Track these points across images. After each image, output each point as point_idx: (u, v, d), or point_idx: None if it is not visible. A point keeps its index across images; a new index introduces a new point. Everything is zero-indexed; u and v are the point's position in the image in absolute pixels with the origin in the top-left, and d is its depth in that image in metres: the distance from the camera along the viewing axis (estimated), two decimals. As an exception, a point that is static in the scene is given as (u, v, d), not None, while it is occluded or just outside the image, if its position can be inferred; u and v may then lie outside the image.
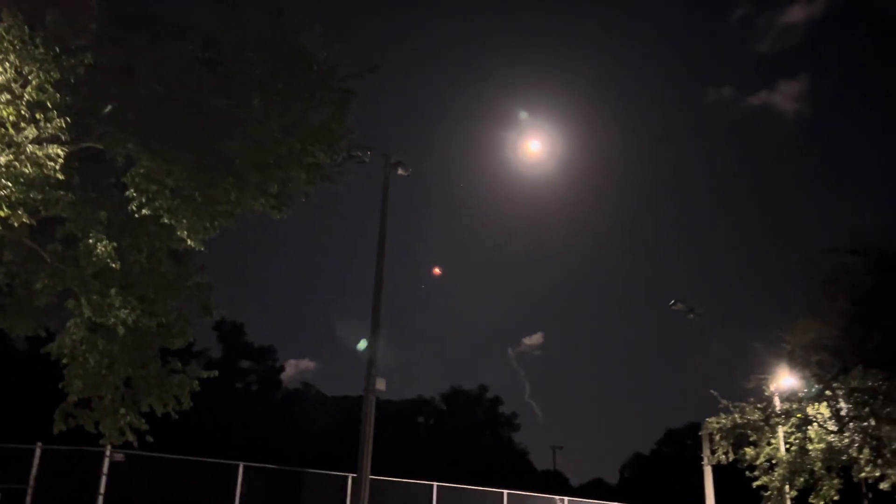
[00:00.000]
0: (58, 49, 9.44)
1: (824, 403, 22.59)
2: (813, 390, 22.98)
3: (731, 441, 24.33)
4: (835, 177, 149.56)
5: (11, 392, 35.85)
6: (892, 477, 22.03)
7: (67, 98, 9.70)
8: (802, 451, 22.96)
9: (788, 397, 23.83)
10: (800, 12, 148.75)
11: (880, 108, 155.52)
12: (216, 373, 13.19)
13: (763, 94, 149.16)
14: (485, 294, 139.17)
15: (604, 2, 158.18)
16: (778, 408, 23.90)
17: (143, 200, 10.37)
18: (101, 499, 15.12)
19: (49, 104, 9.31)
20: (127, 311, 10.90)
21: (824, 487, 22.57)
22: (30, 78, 9.19)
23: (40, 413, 14.36)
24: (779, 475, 23.13)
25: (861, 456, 21.86)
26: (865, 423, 21.72)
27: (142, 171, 10.28)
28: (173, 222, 10.48)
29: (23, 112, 9.20)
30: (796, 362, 24.18)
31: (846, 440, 22.17)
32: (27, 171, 9.14)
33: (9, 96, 9.11)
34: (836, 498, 22.66)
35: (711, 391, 25.21)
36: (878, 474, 22.00)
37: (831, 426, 22.54)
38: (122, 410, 11.93)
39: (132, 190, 10.31)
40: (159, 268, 11.91)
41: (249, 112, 10.78)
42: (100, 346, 11.41)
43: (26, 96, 9.17)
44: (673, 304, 27.57)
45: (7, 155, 9.03)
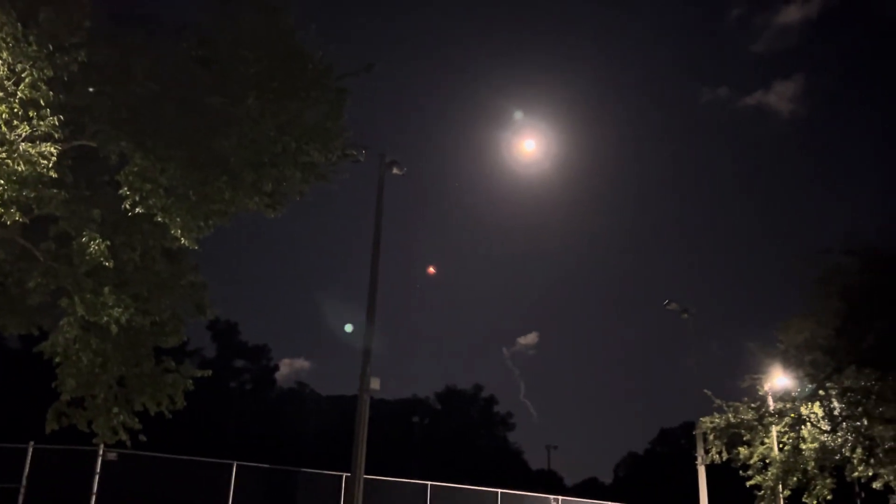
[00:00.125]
0: (51, 47, 9.40)
1: (818, 403, 22.68)
2: (806, 390, 23.07)
3: (725, 440, 24.41)
4: (830, 177, 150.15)
5: (4, 391, 35.74)
6: (885, 476, 22.12)
7: (61, 96, 9.67)
8: (796, 450, 23.04)
9: (782, 397, 23.92)
10: (795, 13, 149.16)
11: (875, 108, 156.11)
12: (210, 372, 13.17)
13: (758, 95, 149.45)
14: (480, 293, 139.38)
15: (600, 1, 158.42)
16: (771, 407, 23.98)
17: (137, 199, 10.33)
18: (93, 498, 15.09)
19: (42, 102, 9.28)
20: (120, 310, 10.84)
21: (817, 487, 22.66)
22: (23, 76, 9.15)
23: (33, 412, 14.31)
24: (772, 474, 23.21)
25: (854, 455, 21.94)
26: (858, 423, 21.81)
27: (135, 169, 10.24)
28: (167, 221, 10.45)
29: (16, 110, 9.17)
30: (790, 362, 24.28)
31: (839, 440, 22.26)
32: (20, 168, 9.10)
33: (1, 94, 9.07)
34: (829, 497, 22.75)
35: (705, 391, 25.30)
36: (870, 474, 22.10)
37: (824, 426, 22.62)
38: (116, 409, 11.87)
39: (126, 188, 10.28)
40: (153, 266, 11.86)
41: (244, 110, 10.76)
42: (93, 344, 11.35)
43: (19, 94, 9.12)
44: (667, 304, 27.62)
45: (0, 153, 8.99)
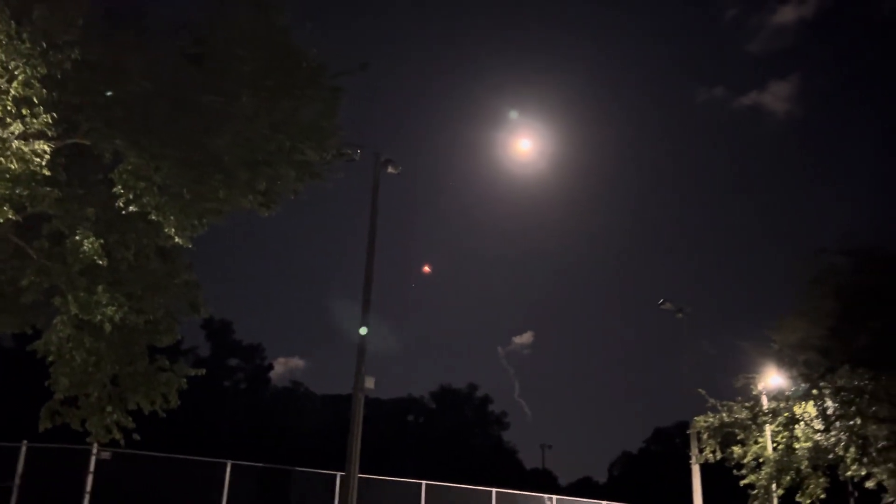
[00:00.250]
0: (45, 44, 9.36)
1: (811, 402, 22.71)
2: (800, 389, 23.13)
3: (719, 440, 24.44)
4: (826, 177, 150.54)
5: (-3, 389, 35.59)
6: (878, 475, 22.18)
7: (54, 94, 9.63)
8: (789, 449, 23.08)
9: (776, 396, 23.95)
10: (791, 13, 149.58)
11: (871, 108, 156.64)
12: (204, 371, 13.17)
13: (754, 95, 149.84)
14: (475, 292, 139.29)
15: (596, 1, 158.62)
16: (765, 407, 24.02)
17: (131, 197, 10.32)
18: (87, 497, 15.03)
19: (35, 100, 9.24)
20: (114, 309, 10.83)
21: (811, 486, 22.70)
22: (16, 73, 9.11)
23: (26, 411, 14.26)
24: (766, 474, 23.25)
25: (847, 455, 21.98)
26: (851, 422, 21.85)
27: (129, 167, 10.24)
28: (161, 219, 10.44)
29: (9, 107, 9.13)
30: (784, 361, 24.31)
31: (832, 439, 22.29)
32: (13, 167, 9.07)
33: (-6, 91, 9.04)
34: (822, 496, 22.80)
35: (699, 390, 25.33)
36: (863, 473, 22.14)
37: (818, 425, 22.65)
38: (109, 408, 11.87)
39: (119, 186, 10.26)
40: (147, 265, 11.85)
41: (239, 109, 10.74)
42: (86, 343, 11.34)
43: (12, 91, 9.08)
44: (662, 304, 27.67)
45: (-8, 151, 8.96)
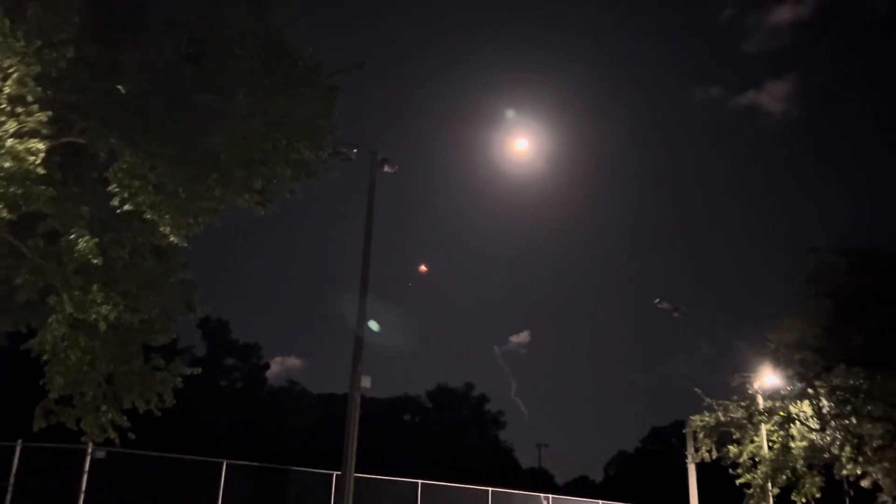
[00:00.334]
0: (39, 42, 9.32)
1: (807, 402, 22.77)
2: (796, 389, 23.18)
3: (715, 439, 24.52)
4: (822, 177, 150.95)
5: (-8, 388, 35.47)
6: (874, 475, 22.24)
7: (49, 92, 9.58)
8: (785, 448, 23.14)
9: (771, 395, 24.02)
10: (787, 13, 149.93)
11: (867, 108, 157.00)
12: (199, 370, 13.12)
13: (751, 94, 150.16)
14: (472, 292, 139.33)
15: (593, 0, 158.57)
16: (761, 406, 24.08)
17: (126, 196, 10.26)
18: (82, 496, 15.01)
19: (30, 98, 9.19)
20: (109, 308, 10.77)
21: (806, 485, 22.78)
22: (10, 71, 9.06)
23: (21, 410, 14.21)
24: (761, 473, 23.31)
25: (843, 454, 22.05)
26: (847, 422, 21.91)
27: (125, 166, 10.18)
28: (156, 218, 10.39)
29: (2, 106, 9.08)
30: (780, 361, 24.35)
31: (828, 438, 22.36)
32: (7, 165, 9.01)
33: (-12, 90, 8.99)
34: (817, 495, 22.86)
35: (696, 389, 25.39)
36: (859, 472, 22.20)
37: (813, 424, 22.72)
38: (104, 407, 11.82)
39: (115, 185, 10.21)
40: (142, 264, 11.79)
41: (234, 108, 10.70)
42: (81, 342, 11.30)
43: (6, 90, 9.03)
44: (658, 303, 27.69)
45: (-14, 149, 8.92)
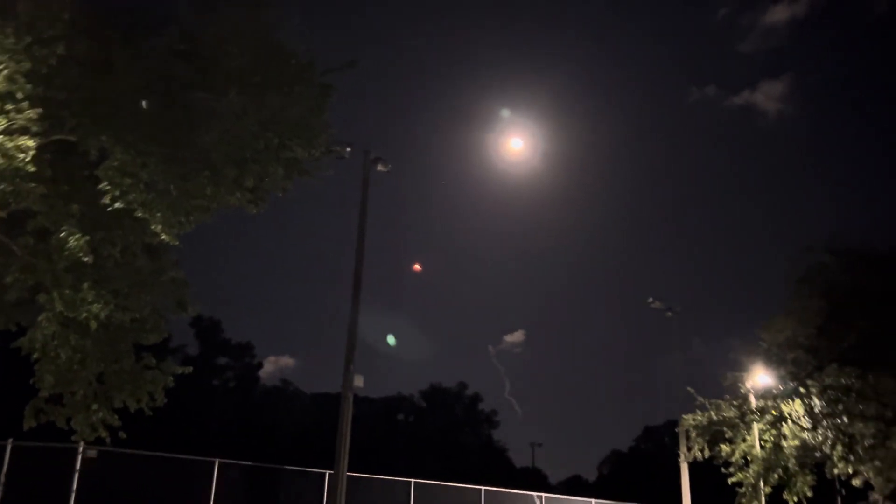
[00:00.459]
0: (29, 39, 9.26)
1: (798, 401, 22.85)
2: (788, 388, 23.26)
3: (707, 438, 24.56)
4: (817, 177, 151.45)
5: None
6: (865, 473, 22.32)
7: (39, 89, 9.53)
8: (777, 447, 23.21)
9: (764, 395, 24.08)
10: (783, 12, 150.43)
11: (862, 108, 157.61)
12: (191, 369, 13.08)
13: (746, 94, 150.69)
14: (466, 291, 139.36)
15: (588, 0, 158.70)
16: (753, 405, 24.13)
17: (117, 194, 10.21)
18: (73, 495, 14.94)
19: (20, 95, 9.14)
20: (100, 306, 10.72)
21: (798, 484, 22.84)
22: None
23: (11, 408, 14.14)
24: (753, 472, 23.37)
25: (834, 453, 22.13)
26: (839, 421, 21.99)
27: (115, 164, 10.13)
28: (147, 216, 10.35)
29: (-9, 102, 9.04)
30: (772, 360, 24.47)
31: (820, 437, 22.43)
32: (-3, 162, 8.97)
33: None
34: (809, 494, 22.94)
35: (688, 388, 25.45)
36: (850, 471, 22.28)
37: (805, 423, 22.79)
38: (95, 406, 11.77)
39: (106, 183, 10.16)
40: (133, 262, 11.73)
41: (226, 106, 10.66)
42: (72, 340, 11.23)
43: (-4, 87, 8.99)
44: (651, 303, 27.71)
45: (-25, 146, 8.86)
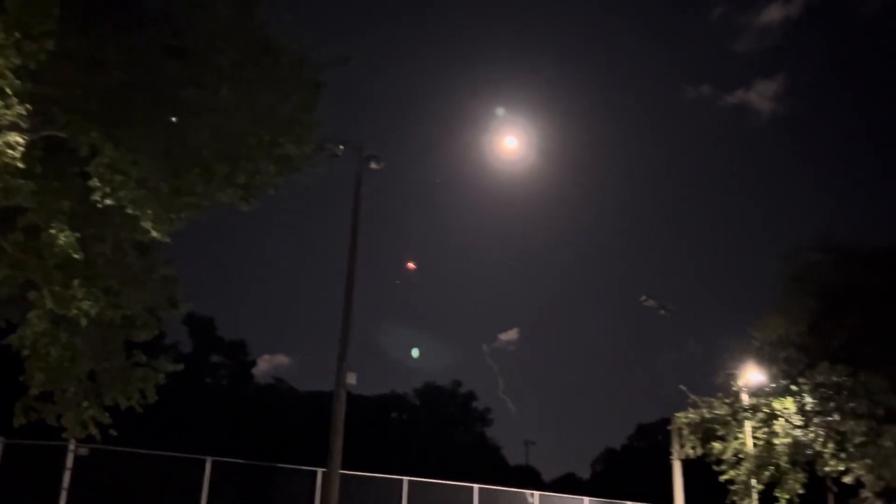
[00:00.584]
0: (18, 34, 9.21)
1: (790, 398, 22.96)
2: (780, 386, 23.37)
3: (700, 436, 24.63)
4: (811, 176, 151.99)
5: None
6: (856, 471, 22.45)
7: (29, 85, 9.48)
8: (768, 445, 23.30)
9: (756, 392, 24.18)
10: (777, 12, 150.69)
11: (856, 108, 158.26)
12: (181, 366, 13.05)
13: (740, 93, 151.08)
14: (461, 290, 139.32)
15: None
16: (745, 403, 24.23)
17: (108, 191, 10.17)
18: (64, 493, 14.88)
19: (8, 91, 9.09)
20: (90, 303, 10.68)
21: (789, 481, 22.93)
22: (-12, 64, 8.96)
23: (1, 406, 14.08)
24: (745, 469, 23.45)
25: (825, 450, 22.25)
26: (830, 418, 22.12)
27: (106, 160, 10.09)
28: (138, 213, 10.31)
29: (-20, 98, 8.98)
30: (764, 358, 24.59)
31: (811, 435, 22.54)
32: (-14, 158, 8.93)
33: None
34: (800, 491, 23.03)
35: (680, 386, 25.52)
36: (842, 468, 22.41)
37: (797, 421, 22.90)
38: (85, 404, 11.74)
39: (96, 180, 10.13)
40: (124, 259, 11.70)
41: (218, 102, 10.64)
42: (62, 338, 11.20)
43: (-16, 82, 8.94)
44: (644, 301, 27.68)
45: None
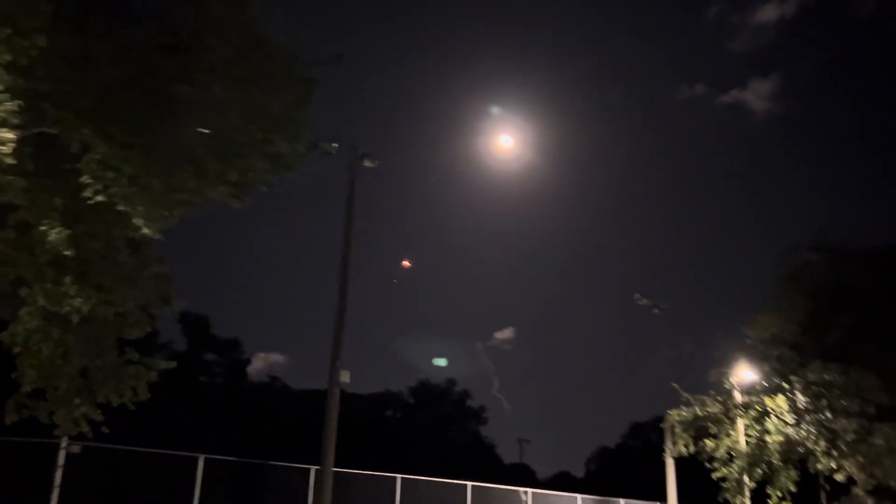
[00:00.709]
0: (9, 30, 9.18)
1: (782, 397, 23.02)
2: (772, 384, 23.44)
3: (692, 433, 24.68)
4: (806, 176, 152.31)
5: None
6: (848, 469, 22.53)
7: (20, 81, 9.46)
8: (761, 443, 23.36)
9: (748, 390, 24.24)
10: (773, 11, 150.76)
11: (852, 107, 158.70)
12: (174, 364, 13.05)
13: (735, 93, 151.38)
14: (456, 288, 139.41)
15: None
16: (738, 401, 24.30)
17: (99, 187, 10.17)
18: (56, 491, 14.85)
19: (0, 87, 9.07)
20: (82, 300, 10.69)
21: (781, 479, 23.00)
22: (-22, 60, 8.95)
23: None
24: (738, 467, 23.51)
25: (817, 448, 22.32)
26: (822, 416, 22.20)
27: (97, 157, 10.08)
28: (129, 210, 10.30)
29: (-29, 94, 8.96)
30: (757, 356, 24.65)
31: (803, 433, 22.62)
32: (-24, 155, 8.91)
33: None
34: (792, 489, 23.11)
35: (673, 384, 25.58)
36: (833, 466, 22.49)
37: (789, 419, 22.96)
38: (77, 401, 11.74)
39: (88, 176, 10.11)
40: (116, 256, 11.68)
41: (210, 99, 10.63)
42: (54, 335, 11.21)
43: (-25, 78, 8.92)
44: (638, 299, 27.70)
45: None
